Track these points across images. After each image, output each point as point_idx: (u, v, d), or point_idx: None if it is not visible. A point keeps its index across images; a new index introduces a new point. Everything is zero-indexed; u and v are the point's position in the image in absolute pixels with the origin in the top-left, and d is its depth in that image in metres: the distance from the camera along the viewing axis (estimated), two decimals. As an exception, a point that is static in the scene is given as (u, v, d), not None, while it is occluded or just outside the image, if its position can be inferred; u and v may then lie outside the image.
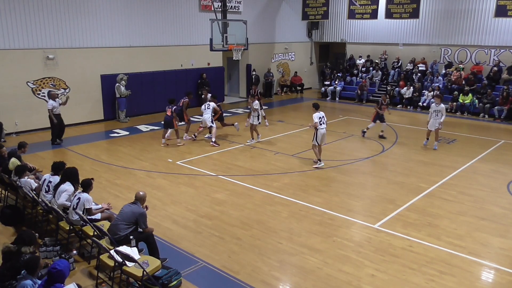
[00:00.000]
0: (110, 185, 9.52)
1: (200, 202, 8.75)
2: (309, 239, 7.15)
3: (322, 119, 10.73)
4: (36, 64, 14.25)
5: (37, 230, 7.32)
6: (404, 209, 8.40)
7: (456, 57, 20.25)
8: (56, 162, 7.53)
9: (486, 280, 6.17)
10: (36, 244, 5.56)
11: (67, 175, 7.04)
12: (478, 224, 7.75)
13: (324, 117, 10.82)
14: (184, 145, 12.97)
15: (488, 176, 10.33)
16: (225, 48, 16.89)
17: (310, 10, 22.91)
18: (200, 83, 18.87)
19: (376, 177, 10.43)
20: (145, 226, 6.13)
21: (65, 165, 7.51)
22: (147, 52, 17.21)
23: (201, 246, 6.93)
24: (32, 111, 14.35)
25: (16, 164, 8.16)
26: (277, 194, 9.13)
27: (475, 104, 17.86)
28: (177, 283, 5.75)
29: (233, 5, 19.85)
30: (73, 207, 6.59)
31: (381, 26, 21.94)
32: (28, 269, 4.67)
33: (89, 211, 6.65)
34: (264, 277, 6.06)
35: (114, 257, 5.46)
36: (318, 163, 10.94)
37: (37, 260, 4.72)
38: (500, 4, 17.73)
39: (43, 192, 7.25)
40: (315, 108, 10.82)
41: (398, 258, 6.55)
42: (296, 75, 24.03)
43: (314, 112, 10.73)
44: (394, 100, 20.12)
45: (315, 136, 10.72)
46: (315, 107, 10.85)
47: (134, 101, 16.73)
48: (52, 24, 14.41)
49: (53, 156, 11.73)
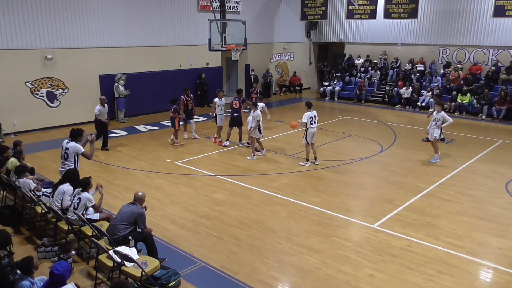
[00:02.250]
0: (109, 185, 9.50)
1: (199, 202, 8.75)
2: (308, 239, 7.15)
3: (313, 118, 10.86)
4: (35, 64, 14.23)
5: (35, 231, 7.35)
6: (402, 209, 8.41)
7: (454, 57, 20.29)
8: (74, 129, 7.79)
9: (484, 279, 6.18)
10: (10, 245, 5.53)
11: (68, 176, 7.04)
12: (477, 224, 7.76)
13: (315, 116, 10.94)
14: (182, 145, 12.96)
15: (487, 176, 10.34)
16: (223, 48, 16.92)
17: (309, 10, 22.91)
18: (199, 83, 18.90)
19: (375, 177, 10.44)
20: (144, 227, 6.13)
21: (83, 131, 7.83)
22: (145, 52, 17.20)
23: (200, 246, 6.93)
24: (30, 111, 14.33)
25: (15, 164, 8.15)
26: (276, 194, 9.13)
27: (473, 104, 17.89)
28: (176, 283, 5.74)
29: (231, 5, 19.85)
30: (74, 207, 6.59)
31: (380, 26, 21.97)
32: (23, 270, 4.67)
33: (94, 207, 6.72)
34: (263, 277, 6.06)
35: (113, 258, 5.46)
36: (305, 162, 11.04)
37: (31, 260, 4.74)
38: (498, 4, 17.75)
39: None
40: (307, 107, 10.92)
41: (396, 258, 6.55)
42: (295, 75, 24.05)
43: (306, 111, 10.86)
44: (393, 100, 20.16)
45: (305, 135, 10.84)
46: (307, 106, 10.95)
47: (132, 101, 16.72)
48: (50, 24, 14.39)
49: (52, 156, 11.71)
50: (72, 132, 7.70)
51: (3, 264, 4.81)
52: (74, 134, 7.67)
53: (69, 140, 7.67)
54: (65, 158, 7.66)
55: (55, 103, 14.97)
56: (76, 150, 7.60)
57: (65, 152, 7.67)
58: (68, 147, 7.61)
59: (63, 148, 7.72)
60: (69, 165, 7.60)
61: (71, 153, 7.58)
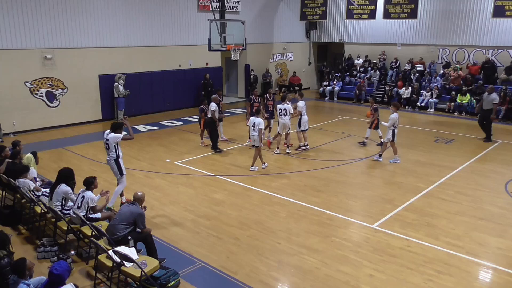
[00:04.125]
0: (108, 185, 9.48)
1: (198, 202, 8.75)
2: (307, 239, 7.15)
3: (283, 111, 11.58)
4: (34, 64, 14.22)
5: (35, 231, 7.35)
6: (402, 209, 8.41)
7: (454, 57, 20.30)
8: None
9: (483, 279, 6.18)
10: (9, 245, 5.53)
11: (63, 176, 7.03)
12: (476, 224, 7.77)
13: (285, 109, 11.58)
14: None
15: (486, 176, 10.35)
16: (223, 48, 16.92)
17: (308, 10, 22.92)
18: (204, 83, 18.76)
19: (374, 177, 10.44)
20: (143, 227, 6.13)
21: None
22: (145, 52, 17.19)
23: (199, 246, 6.92)
24: (30, 111, 14.32)
25: (31, 159, 8.18)
26: (276, 194, 9.13)
27: (472, 104, 17.88)
28: (175, 283, 5.74)
29: (231, 5, 19.85)
30: (77, 206, 6.60)
31: (379, 26, 21.98)
32: (17, 273, 4.67)
33: (93, 209, 6.69)
34: (263, 277, 6.06)
35: (112, 258, 5.46)
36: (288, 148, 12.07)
37: (24, 262, 4.72)
38: (497, 5, 17.77)
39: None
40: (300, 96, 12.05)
41: (396, 258, 6.56)
42: (295, 75, 24.04)
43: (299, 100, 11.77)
44: (393, 100, 20.11)
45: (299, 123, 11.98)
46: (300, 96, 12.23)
47: (132, 101, 16.70)
48: (50, 24, 14.38)
49: (51, 156, 11.71)
50: (113, 125, 7.98)
51: (2, 264, 4.81)
52: (115, 127, 7.94)
53: (109, 132, 7.97)
54: (107, 148, 8.02)
55: (54, 103, 14.96)
56: (115, 139, 7.90)
57: (106, 143, 7.99)
58: (108, 138, 7.93)
59: (104, 140, 8.02)
60: (112, 155, 7.99)
61: (112, 143, 7.91)
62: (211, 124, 12.02)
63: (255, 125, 10.35)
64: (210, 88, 18.81)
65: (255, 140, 10.41)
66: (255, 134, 10.37)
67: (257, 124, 10.32)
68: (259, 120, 10.39)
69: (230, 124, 15.38)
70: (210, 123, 12.04)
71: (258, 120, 10.38)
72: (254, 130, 10.39)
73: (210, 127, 12.09)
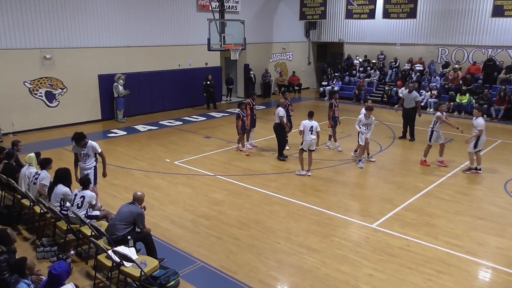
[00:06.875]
0: (108, 185, 9.51)
1: (198, 202, 8.75)
2: (307, 239, 7.16)
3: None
4: (33, 64, 14.22)
5: (34, 231, 7.34)
6: (401, 208, 8.42)
7: (453, 57, 20.31)
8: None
9: (483, 279, 6.19)
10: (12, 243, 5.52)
11: (60, 176, 7.02)
12: (475, 224, 7.77)
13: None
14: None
15: (485, 176, 10.35)
16: (222, 48, 16.93)
17: (308, 10, 22.91)
18: (206, 85, 18.52)
19: (373, 177, 10.45)
20: (143, 226, 6.13)
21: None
22: (144, 52, 17.19)
23: (199, 246, 6.93)
24: (29, 111, 14.32)
25: (33, 158, 8.13)
26: (275, 194, 9.13)
27: (472, 104, 17.89)
28: (175, 283, 5.74)
29: (230, 5, 19.84)
30: (77, 206, 6.60)
31: (379, 26, 21.98)
32: (17, 273, 4.67)
33: (93, 206, 6.74)
34: (262, 277, 6.06)
35: (112, 257, 5.46)
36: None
37: (24, 262, 4.72)
38: (497, 4, 17.76)
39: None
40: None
41: (395, 258, 6.56)
42: (294, 75, 24.04)
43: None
44: (392, 100, 20.16)
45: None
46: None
47: (132, 101, 16.70)
48: (49, 23, 14.38)
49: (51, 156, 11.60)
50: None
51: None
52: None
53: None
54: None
55: (53, 103, 14.96)
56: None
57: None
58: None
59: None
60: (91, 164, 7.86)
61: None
62: (279, 131, 11.28)
63: (313, 128, 10.05)
64: (212, 90, 18.70)
65: (312, 144, 10.11)
66: (313, 138, 10.07)
67: (314, 127, 10.06)
68: (316, 123, 10.12)
69: (229, 124, 15.37)
70: (277, 130, 11.30)
71: (315, 123, 10.11)
72: (312, 133, 10.06)
73: (278, 134, 11.33)
